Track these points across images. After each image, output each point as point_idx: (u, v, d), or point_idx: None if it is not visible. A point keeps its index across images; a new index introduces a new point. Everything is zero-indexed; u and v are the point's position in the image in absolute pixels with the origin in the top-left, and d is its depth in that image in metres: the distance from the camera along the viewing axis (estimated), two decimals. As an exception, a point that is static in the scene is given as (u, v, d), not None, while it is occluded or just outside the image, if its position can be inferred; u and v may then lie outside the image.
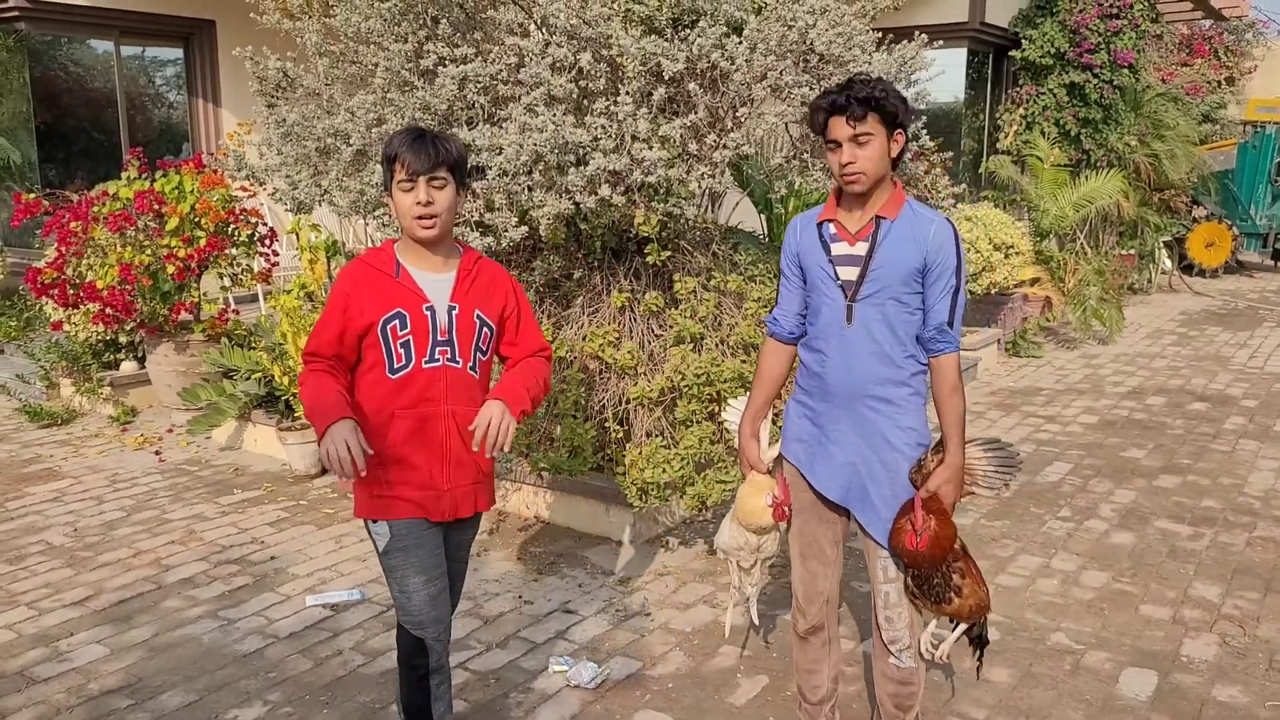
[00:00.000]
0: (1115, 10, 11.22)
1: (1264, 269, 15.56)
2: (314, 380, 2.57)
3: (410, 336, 2.56)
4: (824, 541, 2.97)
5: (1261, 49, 18.19)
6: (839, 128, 2.62)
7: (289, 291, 5.45)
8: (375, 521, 2.68)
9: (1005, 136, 11.73)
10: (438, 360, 2.60)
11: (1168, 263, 13.35)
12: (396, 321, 2.57)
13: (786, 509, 2.99)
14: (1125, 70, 11.43)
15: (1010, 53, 11.90)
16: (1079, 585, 4.37)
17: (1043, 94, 11.66)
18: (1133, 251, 12.42)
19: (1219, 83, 16.51)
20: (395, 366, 2.59)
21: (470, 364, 2.65)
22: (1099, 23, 11.21)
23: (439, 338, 2.59)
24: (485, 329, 2.67)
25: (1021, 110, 11.72)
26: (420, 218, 2.53)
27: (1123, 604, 4.20)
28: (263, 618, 4.03)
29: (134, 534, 4.88)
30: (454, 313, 2.61)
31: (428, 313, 2.59)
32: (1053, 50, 11.43)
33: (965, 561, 2.87)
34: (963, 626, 2.95)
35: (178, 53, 9.65)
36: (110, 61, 9.20)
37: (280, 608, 4.12)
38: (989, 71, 12.18)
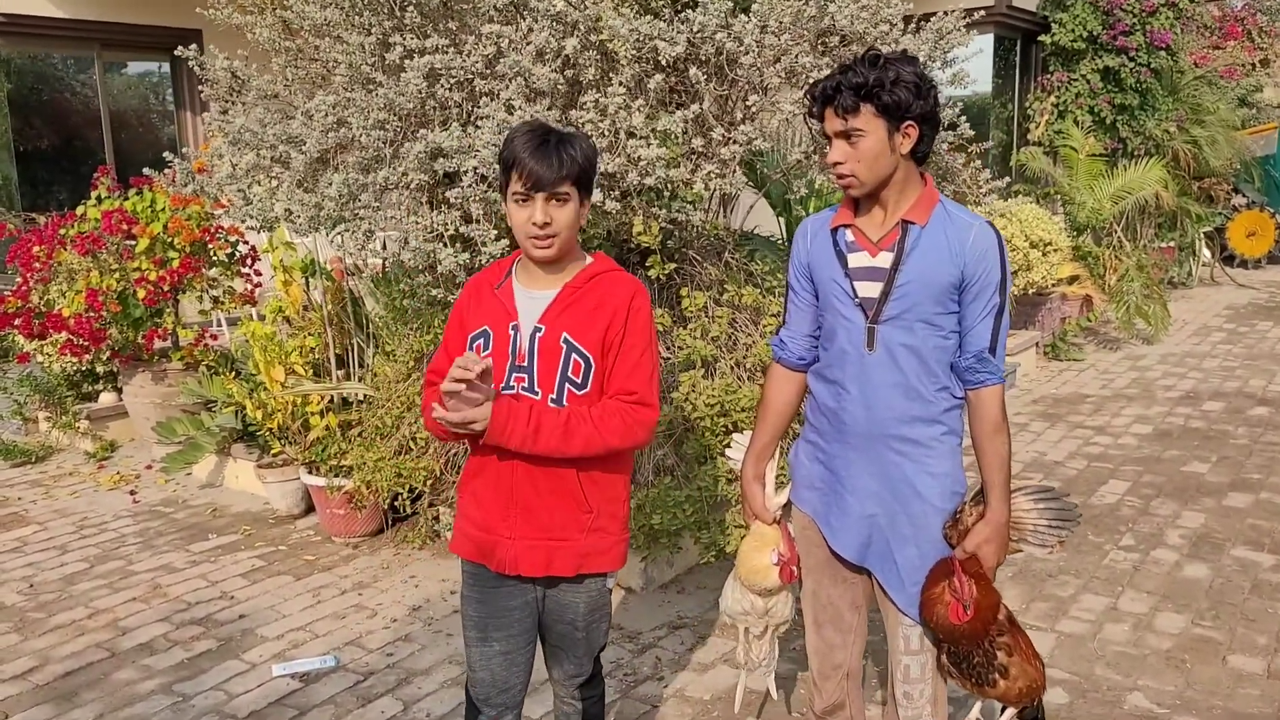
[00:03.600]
0: (1150, -11, 10.62)
1: (1309, 258, 14.85)
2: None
3: (491, 358, 2.20)
4: (842, 606, 2.51)
5: (1297, 29, 17.44)
6: (829, 121, 2.18)
7: (263, 317, 4.98)
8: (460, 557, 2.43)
9: (1036, 127, 11.13)
10: (512, 388, 2.25)
11: (1207, 254, 12.70)
12: (481, 340, 2.28)
13: (795, 569, 2.51)
14: (1162, 52, 10.81)
15: (1039, 38, 11.31)
16: (1154, 631, 3.82)
17: (1075, 80, 11.05)
18: (1172, 244, 11.80)
19: (1254, 65, 15.82)
20: None
21: (554, 396, 2.23)
22: (1134, 2, 10.60)
23: (517, 362, 2.24)
24: (576, 356, 2.23)
25: (1053, 98, 11.11)
26: (535, 238, 2.20)
27: (1207, 654, 3.64)
28: (222, 692, 3.55)
29: (94, 590, 4.42)
30: (538, 335, 2.23)
31: (511, 332, 2.26)
32: (1085, 33, 10.82)
33: (1013, 635, 2.39)
34: (1011, 711, 2.44)
35: (164, 65, 9.24)
36: (92, 76, 8.79)
37: (243, 679, 3.63)
38: (1017, 58, 11.59)
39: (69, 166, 8.85)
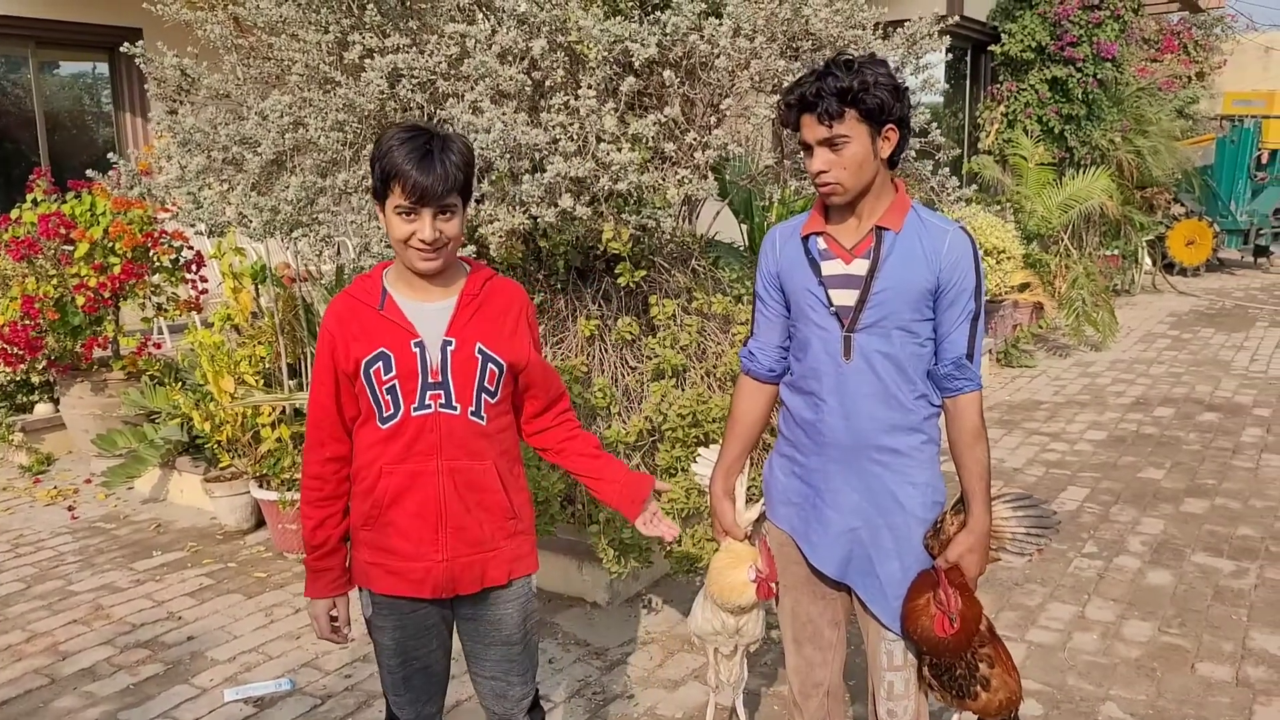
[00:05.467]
0: (1097, 1, 10.78)
1: (1245, 266, 15.23)
2: (315, 515, 2.24)
3: (396, 380, 2.12)
4: (821, 623, 2.45)
5: (1230, 43, 17.95)
6: (809, 128, 2.11)
7: (209, 325, 4.79)
8: (361, 589, 2.31)
9: (987, 135, 11.27)
10: (429, 406, 2.13)
11: (1149, 262, 12.96)
12: (380, 363, 2.12)
13: (773, 585, 2.44)
14: (1108, 64, 11.00)
15: (989, 48, 11.45)
16: (1122, 640, 3.82)
17: (1024, 90, 11.21)
18: (1116, 252, 12.01)
19: (1190, 78, 16.22)
20: (384, 415, 2.15)
21: (473, 409, 2.16)
22: (1081, 14, 10.77)
23: (430, 379, 2.12)
24: (491, 365, 2.17)
25: (1003, 108, 11.26)
26: (422, 252, 2.07)
27: (1176, 662, 3.65)
28: (171, 719, 3.38)
29: (31, 611, 4.20)
30: (449, 349, 2.13)
31: (416, 349, 2.12)
32: (1033, 44, 10.98)
33: (993, 646, 2.36)
34: None
35: (102, 66, 8.94)
36: (26, 76, 8.47)
37: (193, 704, 3.47)
38: (968, 69, 11.73)
39: (6, 171, 8.52)
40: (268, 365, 4.81)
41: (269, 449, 4.62)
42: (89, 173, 4.02)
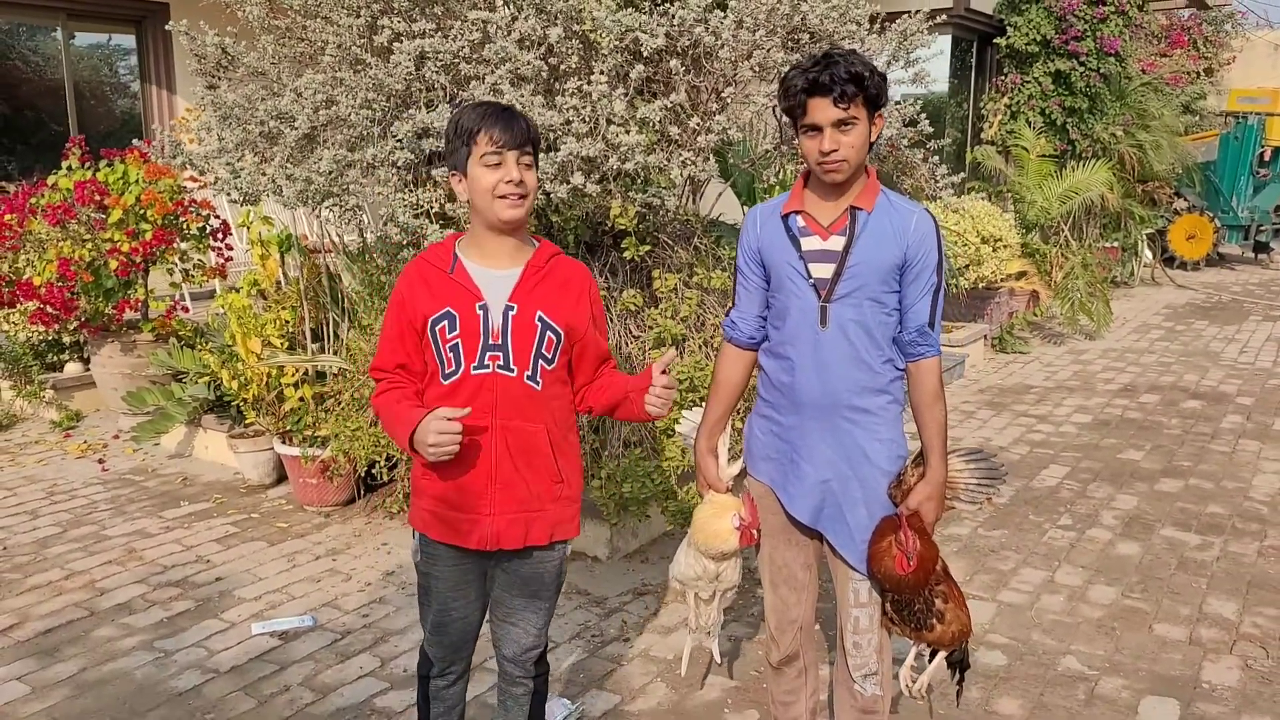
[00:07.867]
0: (1101, -4, 10.98)
1: (1244, 261, 15.42)
2: (383, 401, 2.36)
3: (459, 339, 2.27)
4: (795, 566, 2.70)
5: (1240, 40, 18.08)
6: (822, 110, 2.30)
7: (238, 289, 5.07)
8: (415, 533, 2.49)
9: (990, 126, 11.47)
10: (487, 366, 2.29)
11: (1149, 255, 13.17)
12: (445, 322, 2.28)
13: (755, 532, 2.69)
14: (1111, 58, 11.18)
15: (995, 40, 11.63)
16: (1087, 602, 4.08)
17: (1028, 82, 11.40)
18: (1116, 244, 12.22)
19: (1198, 74, 16.37)
20: (446, 372, 2.31)
21: (529, 373, 2.31)
22: (1085, 8, 10.95)
23: (491, 341, 2.27)
24: (550, 333, 2.31)
25: (1006, 99, 11.45)
26: (508, 196, 2.23)
27: (1135, 623, 3.92)
28: (203, 649, 3.67)
29: (68, 553, 4.50)
30: (510, 314, 2.28)
31: (480, 312, 2.28)
32: (1038, 37, 11.16)
33: (947, 584, 2.62)
34: (941, 655, 2.67)
35: (129, 38, 9.20)
36: (57, 48, 8.73)
37: (223, 636, 3.76)
38: (973, 60, 11.91)
39: (30, 139, 8.79)
40: (292, 329, 5.09)
41: (292, 407, 4.90)
42: (135, 141, 4.28)
